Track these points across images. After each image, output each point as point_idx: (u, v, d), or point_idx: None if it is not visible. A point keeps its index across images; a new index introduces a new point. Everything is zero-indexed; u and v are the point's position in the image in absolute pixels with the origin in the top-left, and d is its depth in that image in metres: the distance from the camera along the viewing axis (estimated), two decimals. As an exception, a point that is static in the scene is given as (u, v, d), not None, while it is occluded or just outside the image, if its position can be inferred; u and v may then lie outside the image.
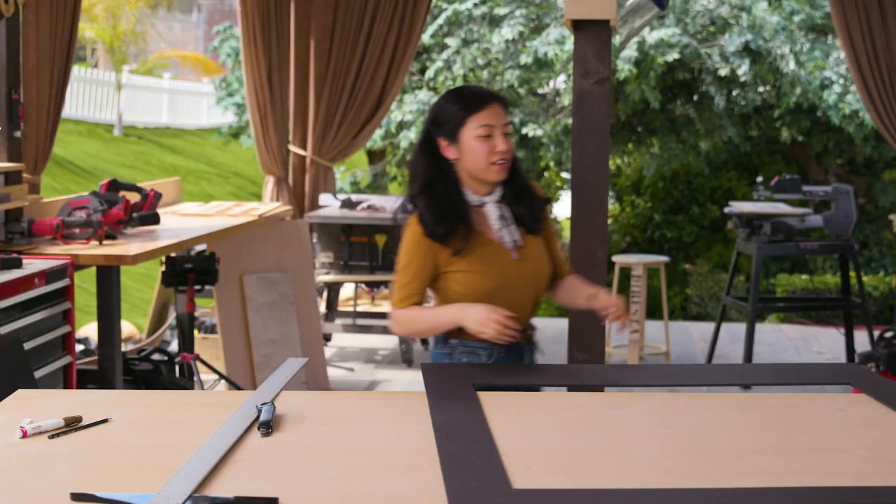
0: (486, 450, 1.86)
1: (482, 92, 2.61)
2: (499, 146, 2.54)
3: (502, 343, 2.50)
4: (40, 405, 2.13)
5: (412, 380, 5.98)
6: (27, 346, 3.46)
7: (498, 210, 2.63)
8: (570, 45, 9.76)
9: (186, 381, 4.67)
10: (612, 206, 13.57)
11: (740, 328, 7.34)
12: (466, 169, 2.59)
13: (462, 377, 2.39)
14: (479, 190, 2.62)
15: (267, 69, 6.51)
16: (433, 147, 2.61)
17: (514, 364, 2.64)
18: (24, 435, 1.92)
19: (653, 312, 8.09)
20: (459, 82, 10.57)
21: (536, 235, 2.68)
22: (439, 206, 2.57)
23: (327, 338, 6.78)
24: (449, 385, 2.31)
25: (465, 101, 2.57)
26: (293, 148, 6.82)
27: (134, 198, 4.80)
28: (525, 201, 2.66)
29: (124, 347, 5.63)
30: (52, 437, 1.92)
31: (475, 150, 2.55)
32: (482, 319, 2.43)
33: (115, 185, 4.76)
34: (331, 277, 6.34)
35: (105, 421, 2.02)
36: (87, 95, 17.90)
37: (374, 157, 12.88)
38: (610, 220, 13.28)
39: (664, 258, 6.75)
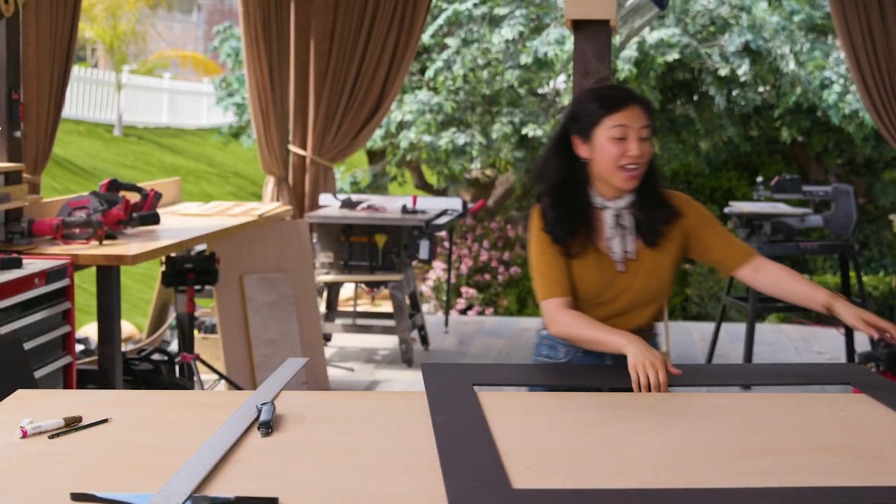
0: (486, 450, 1.86)
1: (623, 92, 2.52)
2: (631, 150, 2.45)
3: (640, 387, 2.31)
4: (40, 405, 2.13)
5: (412, 380, 5.98)
6: (27, 346, 3.46)
7: (615, 218, 2.54)
8: (570, 45, 9.76)
9: (186, 381, 4.67)
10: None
11: (740, 328, 7.33)
12: (596, 170, 2.51)
13: (462, 377, 2.39)
14: (607, 193, 2.54)
15: (269, 69, 6.51)
16: (567, 144, 2.55)
17: (516, 364, 2.64)
18: (24, 435, 1.92)
19: (653, 312, 8.09)
20: (459, 82, 10.57)
21: (654, 248, 2.56)
22: (563, 208, 2.51)
23: (327, 338, 6.78)
24: (449, 385, 2.31)
25: (603, 100, 2.49)
26: (293, 148, 6.82)
27: (134, 198, 4.80)
28: (647, 210, 2.55)
29: (124, 347, 5.63)
30: (52, 437, 1.92)
31: (606, 151, 2.47)
32: (641, 360, 2.30)
33: (115, 185, 4.76)
34: (331, 277, 6.34)
35: (105, 421, 2.02)
36: (87, 95, 17.91)
37: (374, 157, 12.87)
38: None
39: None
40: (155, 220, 4.66)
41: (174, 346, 6.11)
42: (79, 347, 5.49)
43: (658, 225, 2.54)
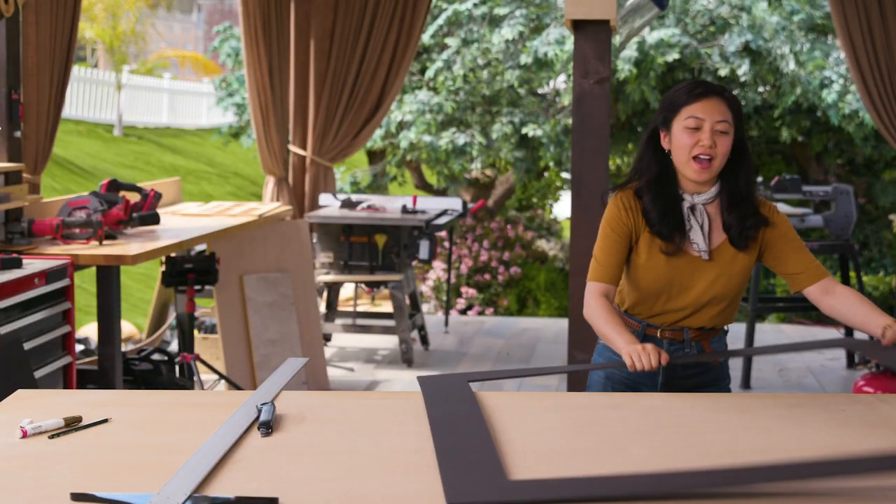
0: (483, 444, 1.86)
1: (703, 84, 2.52)
2: (703, 140, 2.45)
3: (634, 369, 2.33)
4: (40, 405, 2.13)
5: (412, 380, 5.96)
6: (27, 346, 3.46)
7: (688, 210, 2.54)
8: (570, 45, 9.76)
9: (186, 381, 4.67)
10: (612, 206, 13.54)
11: (740, 328, 7.33)
12: (675, 162, 2.53)
13: (460, 384, 2.38)
14: (688, 187, 2.55)
15: (269, 69, 6.51)
16: (656, 137, 2.57)
17: (514, 369, 2.64)
18: (24, 435, 1.92)
19: (653, 312, 8.09)
20: (459, 83, 10.57)
21: (742, 251, 2.54)
22: (663, 206, 2.52)
23: (327, 338, 6.78)
24: (447, 392, 2.30)
25: (681, 91, 2.51)
26: (293, 148, 6.82)
27: (134, 198, 4.80)
28: (737, 211, 2.54)
29: (124, 347, 5.63)
30: (52, 437, 1.92)
31: (679, 142, 2.48)
32: (636, 348, 2.32)
33: (115, 185, 4.76)
34: (331, 277, 6.34)
35: (105, 421, 2.02)
36: (87, 95, 17.91)
37: (374, 157, 12.87)
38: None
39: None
40: (155, 220, 4.66)
41: (174, 346, 6.11)
42: (79, 347, 5.49)
43: (751, 230, 2.53)
